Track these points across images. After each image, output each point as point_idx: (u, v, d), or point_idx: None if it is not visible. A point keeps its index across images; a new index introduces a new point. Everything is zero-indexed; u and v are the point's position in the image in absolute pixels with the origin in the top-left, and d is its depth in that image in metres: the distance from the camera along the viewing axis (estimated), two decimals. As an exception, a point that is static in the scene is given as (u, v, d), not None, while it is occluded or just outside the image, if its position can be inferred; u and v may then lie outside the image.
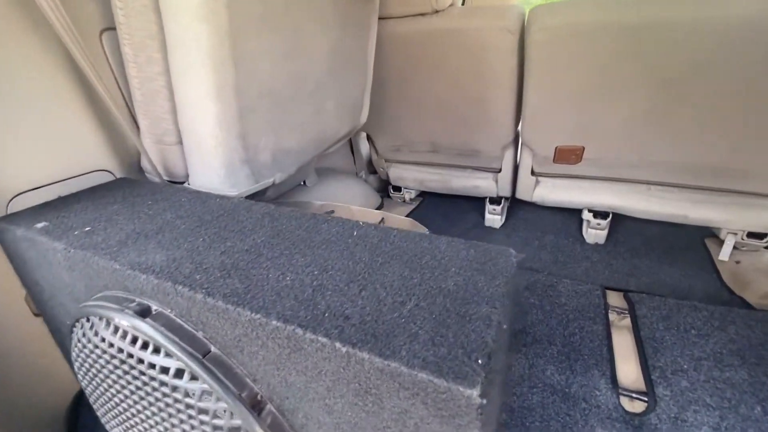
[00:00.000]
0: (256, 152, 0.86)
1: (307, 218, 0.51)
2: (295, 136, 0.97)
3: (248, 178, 0.86)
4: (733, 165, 1.21)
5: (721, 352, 0.91)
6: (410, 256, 0.42)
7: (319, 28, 0.96)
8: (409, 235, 0.46)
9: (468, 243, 0.44)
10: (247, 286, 0.38)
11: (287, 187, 1.25)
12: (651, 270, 1.42)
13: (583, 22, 1.03)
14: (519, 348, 0.95)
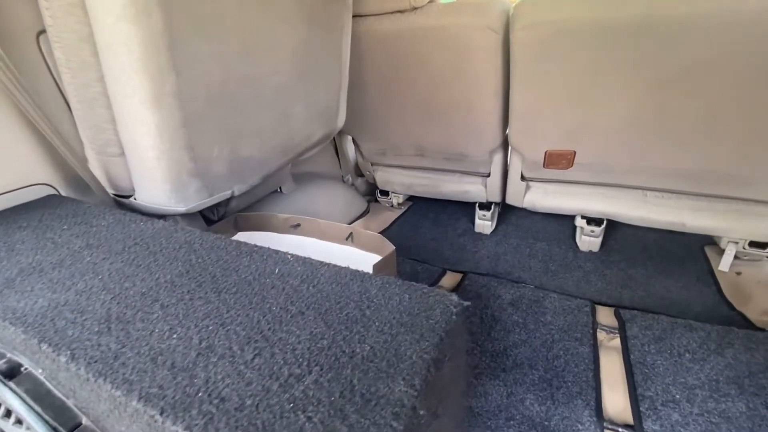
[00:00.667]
0: (208, 164, 0.79)
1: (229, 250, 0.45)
2: (256, 143, 0.90)
3: (199, 192, 0.79)
4: (735, 171, 1.13)
5: (717, 380, 0.83)
6: (332, 304, 0.35)
7: (280, 26, 0.88)
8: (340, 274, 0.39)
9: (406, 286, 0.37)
10: (122, 347, 0.31)
11: (258, 195, 1.18)
12: (646, 281, 1.34)
13: (571, 19, 0.95)
14: (497, 373, 0.88)
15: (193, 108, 0.72)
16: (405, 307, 0.34)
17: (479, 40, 1.08)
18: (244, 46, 0.81)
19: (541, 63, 1.06)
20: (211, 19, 0.72)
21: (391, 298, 0.36)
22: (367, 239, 0.85)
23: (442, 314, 0.33)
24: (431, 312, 0.34)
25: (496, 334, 1.00)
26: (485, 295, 1.14)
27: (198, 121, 0.74)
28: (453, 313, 0.34)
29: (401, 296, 0.36)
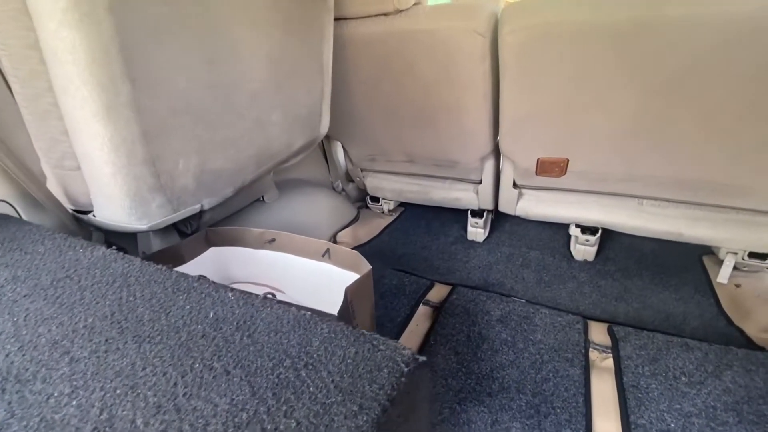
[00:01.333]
0: (172, 178, 0.74)
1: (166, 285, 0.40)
2: (228, 154, 0.85)
3: (163, 208, 0.74)
4: (734, 180, 1.08)
5: (714, 407, 0.78)
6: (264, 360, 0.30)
7: (251, 31, 0.83)
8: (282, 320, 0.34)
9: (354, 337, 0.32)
10: (10, 416, 0.26)
11: (238, 205, 1.13)
12: (642, 292, 1.29)
13: (560, 23, 0.90)
14: (482, 398, 0.83)
15: (153, 119, 0.67)
16: (348, 365, 0.30)
17: (466, 44, 1.03)
18: (211, 53, 0.76)
19: (530, 68, 1.01)
20: (172, 24, 0.68)
21: (334, 353, 0.31)
22: (344, 256, 0.80)
23: (389, 376, 0.28)
24: (377, 374, 0.29)
25: (482, 354, 0.95)
26: (473, 311, 1.09)
27: (159, 134, 0.69)
28: (403, 374, 0.29)
29: (346, 351, 0.31)
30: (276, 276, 0.89)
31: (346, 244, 1.55)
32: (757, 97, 0.86)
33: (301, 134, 1.09)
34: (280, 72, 0.95)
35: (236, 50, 0.82)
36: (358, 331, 0.33)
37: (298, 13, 0.95)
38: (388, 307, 1.12)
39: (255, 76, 0.87)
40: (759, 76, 0.82)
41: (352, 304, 0.69)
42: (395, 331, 1.03)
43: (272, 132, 0.96)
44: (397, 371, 0.29)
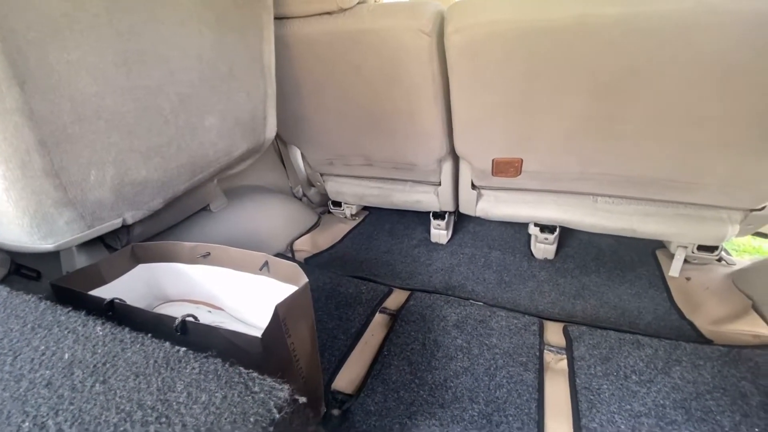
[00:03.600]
0: (84, 190, 0.67)
1: (30, 320, 0.34)
2: (153, 163, 0.79)
3: (74, 224, 0.67)
4: (680, 177, 1.10)
5: (663, 405, 0.78)
6: (110, 414, 0.26)
7: (176, 31, 0.77)
8: (152, 358, 0.30)
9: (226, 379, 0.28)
10: None
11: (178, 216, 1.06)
12: (599, 289, 1.30)
13: (504, 21, 0.88)
14: (434, 410, 0.80)
15: (52, 127, 0.61)
16: (210, 414, 0.25)
17: (412, 44, 1.00)
18: (127, 53, 0.70)
19: (478, 68, 0.99)
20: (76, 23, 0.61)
21: (198, 399, 0.26)
22: (284, 269, 0.75)
23: (255, 426, 0.24)
24: (242, 424, 0.24)
25: (437, 362, 0.92)
26: (430, 317, 1.06)
27: (62, 142, 0.62)
28: (273, 421, 0.25)
29: (212, 396, 0.26)
30: (213, 292, 0.83)
31: (304, 252, 1.50)
32: (697, 96, 0.87)
33: (243, 139, 1.03)
34: (215, 74, 0.89)
35: (160, 51, 0.76)
36: (234, 370, 0.29)
37: (233, 11, 0.90)
38: (343, 317, 1.08)
39: (182, 79, 0.81)
40: (698, 77, 0.83)
41: (285, 321, 0.64)
42: (348, 343, 0.99)
43: (207, 138, 0.90)
44: (266, 419, 0.25)
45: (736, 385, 0.81)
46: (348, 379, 0.90)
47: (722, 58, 0.79)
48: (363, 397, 0.84)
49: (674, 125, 0.94)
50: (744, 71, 0.79)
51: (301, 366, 0.70)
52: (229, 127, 0.96)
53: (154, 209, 0.83)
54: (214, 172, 0.99)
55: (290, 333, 0.65)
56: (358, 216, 1.89)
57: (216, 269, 0.81)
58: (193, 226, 1.14)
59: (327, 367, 0.92)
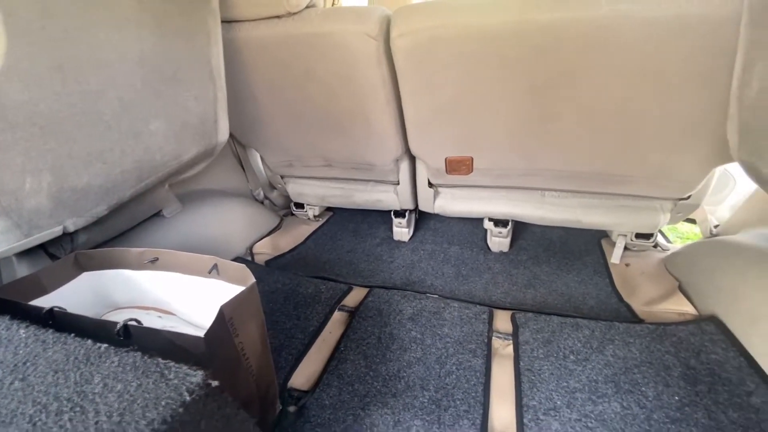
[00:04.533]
0: (19, 199, 0.66)
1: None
2: (95, 169, 0.78)
3: (9, 233, 0.66)
4: (615, 170, 1.19)
5: (596, 380, 0.85)
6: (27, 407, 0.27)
7: (115, 34, 0.77)
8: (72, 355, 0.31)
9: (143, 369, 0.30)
10: None
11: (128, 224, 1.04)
12: (549, 278, 1.38)
13: (445, 26, 0.93)
14: (387, 400, 0.83)
15: (-19, 134, 0.59)
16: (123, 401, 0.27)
17: (360, 47, 1.04)
18: (60, 59, 0.69)
19: (424, 71, 1.03)
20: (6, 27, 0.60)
21: (113, 389, 0.28)
22: (233, 271, 0.76)
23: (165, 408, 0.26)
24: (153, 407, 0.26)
25: (391, 354, 0.96)
26: (387, 312, 1.10)
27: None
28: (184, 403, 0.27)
29: (128, 385, 0.28)
30: (163, 297, 0.83)
31: (265, 255, 1.50)
32: (622, 96, 0.95)
33: (193, 143, 1.03)
34: (159, 78, 0.89)
35: (97, 55, 0.75)
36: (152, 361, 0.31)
37: (175, 16, 0.90)
38: (301, 317, 1.09)
39: (124, 83, 0.81)
40: (620, 75, 0.91)
41: (231, 321, 0.65)
42: (306, 341, 1.01)
43: (153, 142, 0.90)
44: (177, 401, 0.27)
45: (660, 358, 0.89)
46: (305, 377, 0.92)
47: (639, 60, 0.86)
48: (318, 393, 0.86)
49: (604, 123, 1.01)
50: (659, 72, 0.87)
51: (251, 365, 0.71)
52: (176, 131, 0.96)
53: (98, 216, 0.82)
54: (163, 177, 0.98)
55: (238, 333, 0.67)
56: (322, 217, 1.91)
57: (165, 274, 0.81)
58: (146, 232, 1.12)
59: (283, 366, 0.93)
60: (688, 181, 1.16)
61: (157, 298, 0.84)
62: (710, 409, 0.77)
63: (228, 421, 0.32)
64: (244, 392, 0.71)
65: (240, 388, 0.69)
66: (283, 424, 0.81)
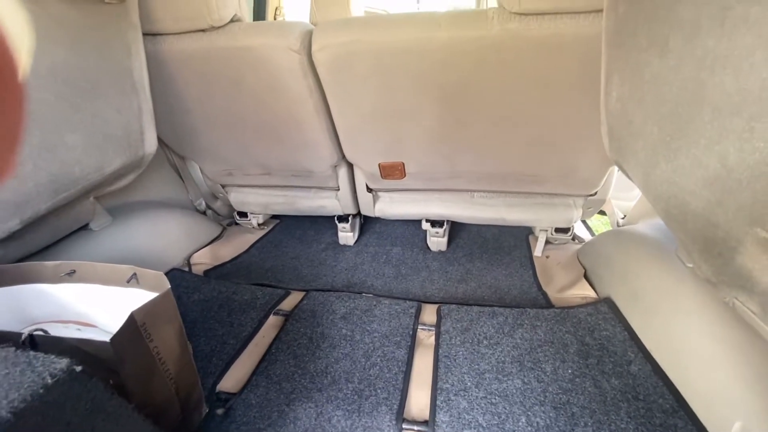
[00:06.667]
0: None
1: None
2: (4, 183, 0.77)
3: None
4: (527, 171, 1.30)
5: (504, 361, 0.94)
6: None
7: (20, 50, 0.77)
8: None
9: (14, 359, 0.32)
10: None
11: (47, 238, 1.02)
12: (481, 273, 1.48)
13: (356, 41, 1.00)
14: (312, 395, 0.88)
15: None
16: None
17: (284, 60, 1.08)
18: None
19: (345, 81, 1.10)
20: None
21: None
22: (151, 279, 0.78)
23: (26, 390, 0.30)
24: (15, 391, 0.30)
25: (321, 352, 1.00)
26: (320, 312, 1.14)
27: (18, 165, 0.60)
28: (45, 385, 0.30)
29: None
30: (83, 309, 0.83)
31: (204, 265, 1.50)
32: (519, 104, 1.06)
33: (116, 155, 1.03)
34: (75, 92, 0.89)
35: (2, 70, 0.75)
36: (23, 354, 0.34)
37: (92, 29, 0.91)
38: (235, 323, 1.11)
39: (35, 97, 0.81)
40: (515, 85, 1.01)
41: (144, 326, 0.67)
42: (237, 346, 1.03)
43: (70, 155, 0.90)
44: (38, 384, 0.30)
45: (561, 338, 1.00)
46: (234, 380, 0.94)
47: (529, 72, 0.97)
48: (246, 393, 0.89)
49: (507, 128, 1.12)
50: (546, 83, 0.99)
51: (168, 368, 0.73)
52: (97, 144, 0.96)
53: (11, 230, 0.81)
54: (85, 190, 0.98)
55: (152, 338, 0.69)
56: (267, 225, 1.92)
57: (83, 286, 0.81)
58: (71, 246, 1.10)
59: (213, 371, 0.95)
60: (591, 179, 1.30)
61: (77, 311, 0.83)
62: (596, 379, 0.88)
63: (97, 404, 0.35)
64: (161, 396, 0.73)
65: (156, 392, 0.71)
66: (210, 425, 0.83)
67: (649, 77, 0.67)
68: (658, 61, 0.64)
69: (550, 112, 1.07)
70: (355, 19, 1.04)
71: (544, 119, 1.09)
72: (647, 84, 0.69)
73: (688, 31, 0.56)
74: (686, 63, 0.56)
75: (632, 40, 0.73)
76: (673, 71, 0.60)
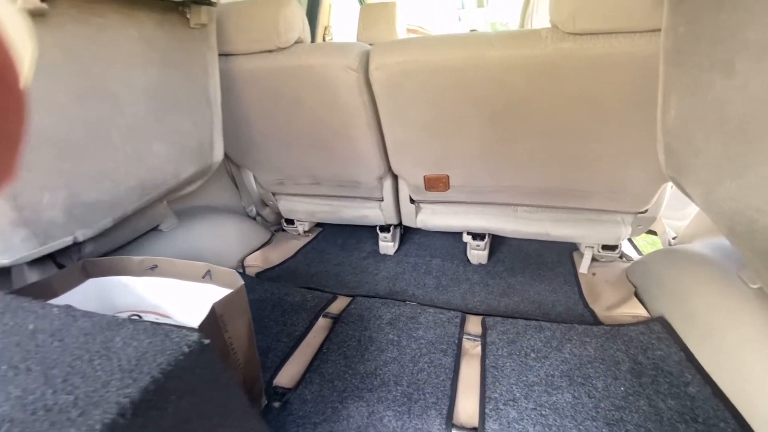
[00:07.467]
0: (38, 211, 0.76)
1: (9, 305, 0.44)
2: (103, 186, 0.88)
3: (28, 242, 0.75)
4: (575, 187, 1.30)
5: (552, 375, 0.94)
6: (66, 357, 0.36)
7: (124, 71, 0.88)
8: (98, 324, 0.40)
9: (153, 331, 0.39)
10: None
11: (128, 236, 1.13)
12: (523, 287, 1.47)
13: (412, 61, 1.06)
14: (363, 394, 0.91)
15: (10, 156, 0.69)
16: (137, 352, 0.36)
17: (342, 78, 1.16)
18: (77, 90, 0.80)
19: (397, 98, 1.16)
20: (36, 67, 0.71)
21: (130, 345, 0.37)
22: (223, 276, 0.86)
23: (169, 355, 0.36)
24: (159, 355, 0.36)
25: (369, 355, 1.04)
26: (367, 317, 1.18)
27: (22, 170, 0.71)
28: (183, 353, 0.36)
29: (141, 342, 0.38)
30: (160, 301, 0.92)
31: (256, 267, 1.59)
32: (569, 120, 1.08)
33: (191, 163, 1.13)
34: (161, 106, 1.00)
35: (109, 87, 0.87)
36: (159, 327, 0.40)
37: (178, 51, 1.02)
38: (288, 323, 1.18)
39: (131, 111, 0.92)
40: (565, 102, 1.04)
41: (222, 318, 0.74)
42: (291, 344, 1.09)
43: (153, 163, 1.00)
44: (178, 351, 0.36)
45: (612, 355, 0.99)
46: (289, 376, 1.00)
47: (580, 89, 0.99)
48: (301, 389, 0.94)
49: (557, 144, 1.14)
50: (597, 100, 1.00)
51: (238, 359, 0.79)
52: (176, 153, 1.07)
53: (104, 228, 0.92)
54: (163, 194, 1.08)
55: (227, 329, 0.76)
56: (311, 232, 2.01)
57: (163, 280, 0.90)
58: (144, 245, 1.21)
59: (270, 366, 1.01)
60: (642, 196, 1.28)
61: (155, 303, 0.92)
62: (651, 398, 0.86)
63: (216, 375, 0.41)
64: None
65: (228, 379, 0.77)
66: (268, 417, 0.88)
67: (712, 97, 0.68)
68: (722, 81, 0.65)
69: (600, 128, 1.08)
70: (411, 40, 1.11)
71: (593, 135, 1.10)
72: (709, 103, 0.69)
73: (756, 53, 0.57)
74: (755, 83, 0.57)
75: (692, 60, 0.74)
76: (740, 91, 0.61)
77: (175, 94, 1.03)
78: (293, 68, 1.20)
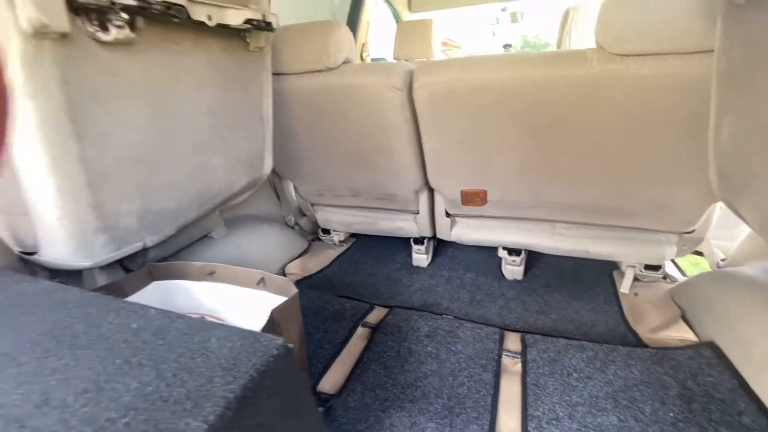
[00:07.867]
0: (117, 219, 0.84)
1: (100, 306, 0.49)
2: (170, 196, 0.96)
3: (106, 246, 0.83)
4: (617, 204, 1.29)
5: (597, 396, 0.93)
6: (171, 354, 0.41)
7: (193, 92, 0.97)
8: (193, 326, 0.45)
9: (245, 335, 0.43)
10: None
11: (185, 242, 1.21)
12: (560, 305, 1.46)
13: (456, 80, 1.10)
14: (405, 405, 0.93)
15: (99, 169, 0.78)
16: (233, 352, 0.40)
17: (387, 96, 1.21)
18: (154, 111, 0.88)
19: (439, 115, 1.20)
20: (117, 91, 0.80)
21: (224, 345, 0.42)
22: (277, 283, 0.91)
23: (260, 357, 0.40)
24: (252, 356, 0.40)
25: (409, 366, 1.06)
26: (405, 329, 1.21)
27: (105, 181, 0.79)
28: (272, 355, 0.40)
29: (234, 343, 0.42)
30: (216, 305, 0.98)
31: (295, 275, 1.65)
32: (614, 138, 1.08)
33: (243, 175, 1.21)
34: (222, 124, 1.08)
35: (178, 108, 0.95)
36: (248, 331, 0.44)
37: (238, 74, 1.10)
38: (329, 330, 1.22)
39: (196, 129, 1.00)
40: (609, 122, 1.04)
41: (279, 324, 0.79)
42: (333, 351, 1.12)
43: (213, 175, 1.08)
44: (268, 354, 0.40)
45: (659, 379, 0.96)
46: (332, 382, 1.03)
47: (625, 109, 1.00)
48: (344, 396, 0.97)
49: (599, 162, 1.14)
50: (643, 120, 1.00)
51: (290, 363, 0.84)
52: (232, 166, 1.14)
53: (168, 235, 0.99)
54: (218, 204, 1.16)
55: (283, 334, 0.80)
56: (346, 242, 2.06)
57: (219, 285, 0.97)
58: (197, 251, 1.29)
59: (314, 372, 1.05)
60: (688, 216, 1.25)
61: (213, 307, 0.98)
62: (703, 426, 0.84)
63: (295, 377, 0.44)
64: (284, 386, 0.83)
65: (281, 382, 0.82)
66: (313, 421, 0.92)
67: (771, 120, 0.68)
68: (782, 105, 0.65)
69: (646, 147, 1.07)
70: (452, 61, 1.15)
71: (638, 154, 1.09)
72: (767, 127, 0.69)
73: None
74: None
75: (748, 83, 0.74)
76: (801, 116, 0.60)
77: (234, 112, 1.11)
78: (341, 87, 1.26)
